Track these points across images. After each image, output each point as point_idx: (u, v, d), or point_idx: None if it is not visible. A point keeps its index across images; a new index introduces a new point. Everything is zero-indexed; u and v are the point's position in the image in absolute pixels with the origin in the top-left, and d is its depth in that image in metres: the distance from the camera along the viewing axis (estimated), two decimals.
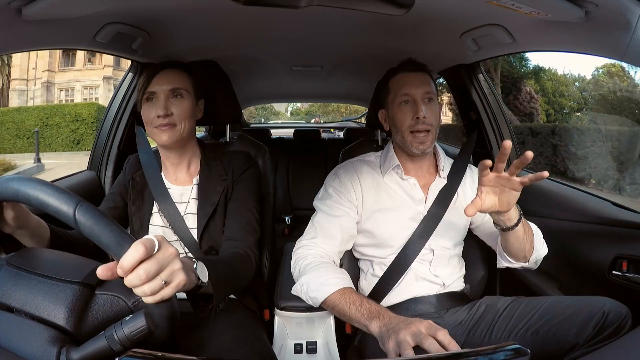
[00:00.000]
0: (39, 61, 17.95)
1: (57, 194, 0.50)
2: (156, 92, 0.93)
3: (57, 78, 17.88)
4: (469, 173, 1.08)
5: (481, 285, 1.14)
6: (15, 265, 0.53)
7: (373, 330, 0.77)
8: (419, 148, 0.99)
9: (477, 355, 0.52)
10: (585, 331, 0.74)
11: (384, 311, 0.79)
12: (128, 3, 0.95)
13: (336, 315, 0.89)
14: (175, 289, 0.52)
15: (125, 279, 0.48)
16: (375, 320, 0.77)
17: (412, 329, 0.69)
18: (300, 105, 20.68)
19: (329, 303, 0.87)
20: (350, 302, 0.83)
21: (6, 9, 0.75)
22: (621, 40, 0.75)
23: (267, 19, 1.12)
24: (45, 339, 0.47)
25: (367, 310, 0.80)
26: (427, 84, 1.00)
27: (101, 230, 0.49)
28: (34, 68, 18.28)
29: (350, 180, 1.02)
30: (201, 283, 0.63)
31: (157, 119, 0.92)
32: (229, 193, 0.99)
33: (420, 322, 0.70)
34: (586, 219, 1.08)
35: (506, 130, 1.42)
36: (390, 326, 0.73)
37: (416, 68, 1.02)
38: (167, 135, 0.93)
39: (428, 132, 0.98)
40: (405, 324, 0.71)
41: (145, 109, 0.95)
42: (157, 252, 0.50)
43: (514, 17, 0.91)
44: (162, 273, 0.50)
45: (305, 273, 0.91)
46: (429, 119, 0.98)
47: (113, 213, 1.01)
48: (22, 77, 17.90)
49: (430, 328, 0.69)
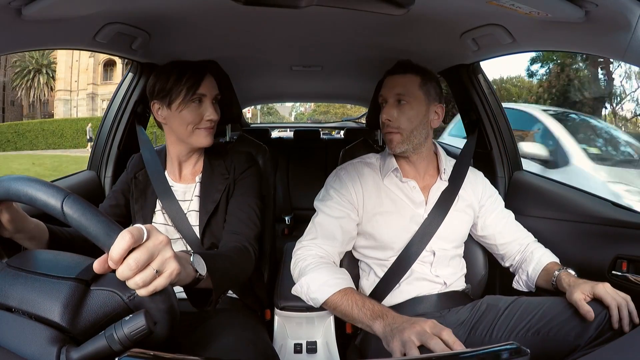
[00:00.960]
0: (81, 75, 23.34)
1: (45, 188, 0.50)
2: (207, 95, 0.96)
3: (99, 90, 22.82)
4: (469, 175, 1.08)
5: (482, 285, 1.14)
6: (14, 266, 0.53)
7: (377, 330, 0.77)
8: (389, 147, 1.02)
9: (477, 355, 0.52)
10: (587, 332, 0.74)
11: (387, 311, 0.79)
12: (128, 3, 0.95)
13: (338, 316, 0.89)
14: (169, 279, 0.50)
15: (117, 272, 0.48)
16: (379, 320, 0.77)
17: (417, 329, 0.69)
18: (303, 110, 21.12)
19: (331, 304, 0.86)
20: (353, 303, 0.83)
21: (6, 9, 0.75)
22: (621, 40, 0.75)
23: (267, 19, 1.12)
24: (45, 338, 0.47)
25: (370, 311, 0.80)
26: (402, 85, 1.00)
27: (89, 221, 0.48)
28: (76, 80, 23.32)
29: (352, 182, 1.02)
30: (199, 276, 0.62)
31: (206, 122, 0.96)
32: (230, 191, 1.00)
33: (424, 322, 0.70)
34: (586, 219, 1.08)
35: (506, 130, 1.42)
36: (394, 326, 0.73)
37: (397, 70, 1.03)
38: (210, 137, 0.98)
39: (395, 133, 0.99)
40: (409, 324, 0.71)
41: (193, 109, 0.95)
42: (147, 240, 0.49)
43: (514, 17, 0.91)
44: (153, 262, 0.49)
45: (305, 274, 0.91)
46: (396, 121, 0.98)
47: (115, 211, 1.01)
48: (67, 88, 23.15)
49: (434, 327, 0.69)
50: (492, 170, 1.37)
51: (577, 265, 1.06)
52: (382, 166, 1.06)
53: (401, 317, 0.76)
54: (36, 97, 24.60)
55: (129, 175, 1.05)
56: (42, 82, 24.61)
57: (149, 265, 0.49)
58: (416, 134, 1.00)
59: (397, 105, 0.99)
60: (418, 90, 1.00)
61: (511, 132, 1.44)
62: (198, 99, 0.95)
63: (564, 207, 1.16)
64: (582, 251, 1.06)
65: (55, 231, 0.77)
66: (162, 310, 0.50)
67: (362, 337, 0.99)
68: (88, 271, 0.51)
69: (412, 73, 1.01)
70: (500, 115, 1.43)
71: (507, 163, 1.40)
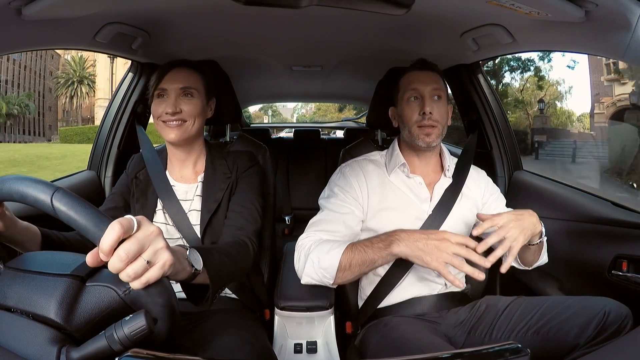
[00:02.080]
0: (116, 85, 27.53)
1: (34, 184, 0.50)
2: (167, 89, 0.95)
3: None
4: (472, 173, 1.08)
5: (482, 285, 1.14)
6: (12, 267, 0.53)
7: (401, 252, 0.83)
8: (425, 140, 1.00)
9: (477, 355, 0.52)
10: (586, 332, 0.74)
11: (394, 234, 0.85)
12: (128, 3, 0.95)
13: (357, 270, 0.87)
14: (162, 270, 0.50)
15: (108, 264, 0.47)
16: (396, 243, 0.83)
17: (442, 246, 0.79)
18: (305, 112, 21.42)
19: (345, 263, 0.86)
20: (362, 248, 0.86)
21: (6, 9, 0.75)
22: (621, 40, 0.75)
23: (267, 18, 1.12)
24: (45, 338, 0.47)
25: (382, 242, 0.85)
26: (436, 81, 1.02)
27: (78, 214, 0.48)
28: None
29: (356, 179, 1.02)
30: (195, 271, 0.61)
31: (165, 115, 0.94)
32: (232, 189, 1.00)
33: (443, 234, 0.81)
34: (586, 219, 1.08)
35: (506, 130, 1.42)
36: (417, 244, 0.81)
37: (425, 66, 1.04)
38: (176, 132, 0.95)
39: (434, 127, 0.99)
40: (431, 239, 0.81)
41: (156, 104, 0.96)
42: (137, 231, 0.49)
43: (514, 17, 0.90)
44: (144, 253, 0.48)
45: (310, 254, 0.90)
46: (435, 115, 0.99)
47: (113, 214, 1.01)
48: (106, 97, 26.78)
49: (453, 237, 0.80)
50: (492, 170, 1.38)
51: (577, 265, 1.06)
52: (389, 162, 1.06)
53: (414, 232, 0.84)
54: (77, 104, 31.08)
55: (129, 176, 1.05)
56: (85, 91, 31.90)
57: (140, 256, 0.48)
58: (446, 128, 1.03)
59: (434, 99, 1.01)
60: (444, 87, 1.04)
61: (511, 132, 1.44)
62: (160, 94, 0.96)
63: (564, 206, 1.16)
64: (582, 251, 1.06)
65: (48, 234, 0.76)
66: (159, 305, 0.50)
67: (362, 337, 0.99)
68: (83, 267, 0.51)
69: (436, 71, 1.05)
70: (500, 115, 1.43)
71: (507, 163, 1.40)
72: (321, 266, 0.87)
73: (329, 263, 0.86)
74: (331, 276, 0.87)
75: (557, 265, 1.09)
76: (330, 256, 0.86)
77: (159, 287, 0.50)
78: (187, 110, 0.95)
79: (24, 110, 17.31)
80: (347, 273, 0.87)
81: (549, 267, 1.04)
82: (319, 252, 0.88)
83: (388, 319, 0.95)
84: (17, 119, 18.13)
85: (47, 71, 23.41)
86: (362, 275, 0.94)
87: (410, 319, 0.95)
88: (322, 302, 0.96)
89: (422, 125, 0.99)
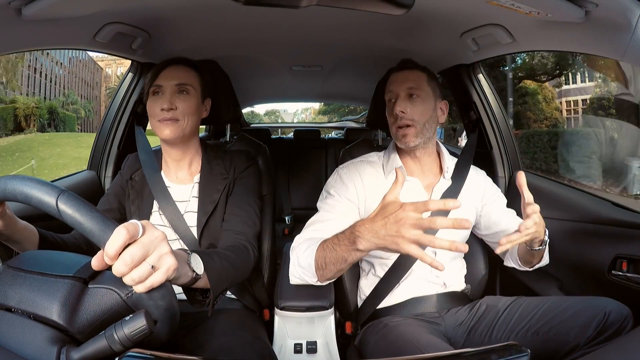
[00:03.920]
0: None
1: (39, 185, 0.50)
2: (163, 85, 0.94)
3: None
4: (472, 173, 1.08)
5: (482, 285, 1.14)
6: (13, 267, 0.53)
7: (365, 248, 0.72)
8: (402, 141, 0.99)
9: (477, 355, 0.52)
10: (587, 332, 0.74)
11: (354, 228, 0.73)
12: (128, 3, 0.95)
13: (334, 268, 0.80)
14: (166, 274, 0.50)
15: (112, 267, 0.48)
16: (359, 240, 0.71)
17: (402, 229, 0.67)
18: (305, 116, 21.59)
19: (320, 261, 0.81)
20: (332, 245, 0.78)
21: (6, 9, 0.75)
22: (621, 40, 0.75)
23: (267, 18, 1.12)
24: (45, 338, 0.47)
25: (347, 239, 0.74)
26: (413, 80, 1.00)
27: (84, 217, 0.48)
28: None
29: (352, 180, 1.02)
30: (196, 275, 0.62)
31: (161, 112, 0.93)
32: (229, 191, 0.99)
33: (402, 211, 0.68)
34: (586, 219, 1.08)
35: (506, 130, 1.42)
36: (378, 233, 0.69)
37: (405, 66, 1.03)
38: (170, 129, 0.93)
39: (409, 126, 0.98)
40: (390, 221, 0.68)
41: (151, 102, 0.95)
42: (142, 236, 0.49)
43: (514, 17, 0.90)
44: (149, 257, 0.49)
45: (292, 253, 0.89)
46: (410, 114, 0.97)
47: (109, 215, 1.00)
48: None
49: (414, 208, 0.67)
50: (492, 170, 1.37)
51: (577, 265, 1.06)
52: (386, 164, 1.05)
53: (373, 220, 0.70)
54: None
55: (124, 177, 1.04)
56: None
57: (144, 260, 0.48)
58: (427, 127, 1.00)
59: (409, 98, 0.99)
60: (427, 85, 1.01)
61: (511, 132, 1.44)
62: (155, 91, 0.95)
63: (564, 207, 1.16)
64: (582, 251, 1.05)
65: (46, 235, 0.76)
66: (160, 308, 0.50)
67: (362, 337, 0.99)
68: (86, 269, 0.51)
69: (418, 70, 1.03)
70: (500, 115, 1.43)
71: (507, 163, 1.40)
72: (301, 265, 0.85)
73: (306, 262, 0.84)
74: (312, 274, 0.84)
75: (557, 265, 1.09)
76: (306, 255, 0.84)
77: (161, 290, 0.50)
78: (182, 107, 0.93)
79: (87, 113, 19.05)
80: (326, 271, 0.81)
81: (549, 267, 1.04)
82: (299, 251, 0.87)
83: (388, 319, 0.95)
84: (82, 119, 19.88)
85: (94, 81, 24.65)
86: (344, 271, 0.87)
87: (410, 319, 0.94)
88: (322, 302, 0.96)
89: (397, 125, 0.99)
